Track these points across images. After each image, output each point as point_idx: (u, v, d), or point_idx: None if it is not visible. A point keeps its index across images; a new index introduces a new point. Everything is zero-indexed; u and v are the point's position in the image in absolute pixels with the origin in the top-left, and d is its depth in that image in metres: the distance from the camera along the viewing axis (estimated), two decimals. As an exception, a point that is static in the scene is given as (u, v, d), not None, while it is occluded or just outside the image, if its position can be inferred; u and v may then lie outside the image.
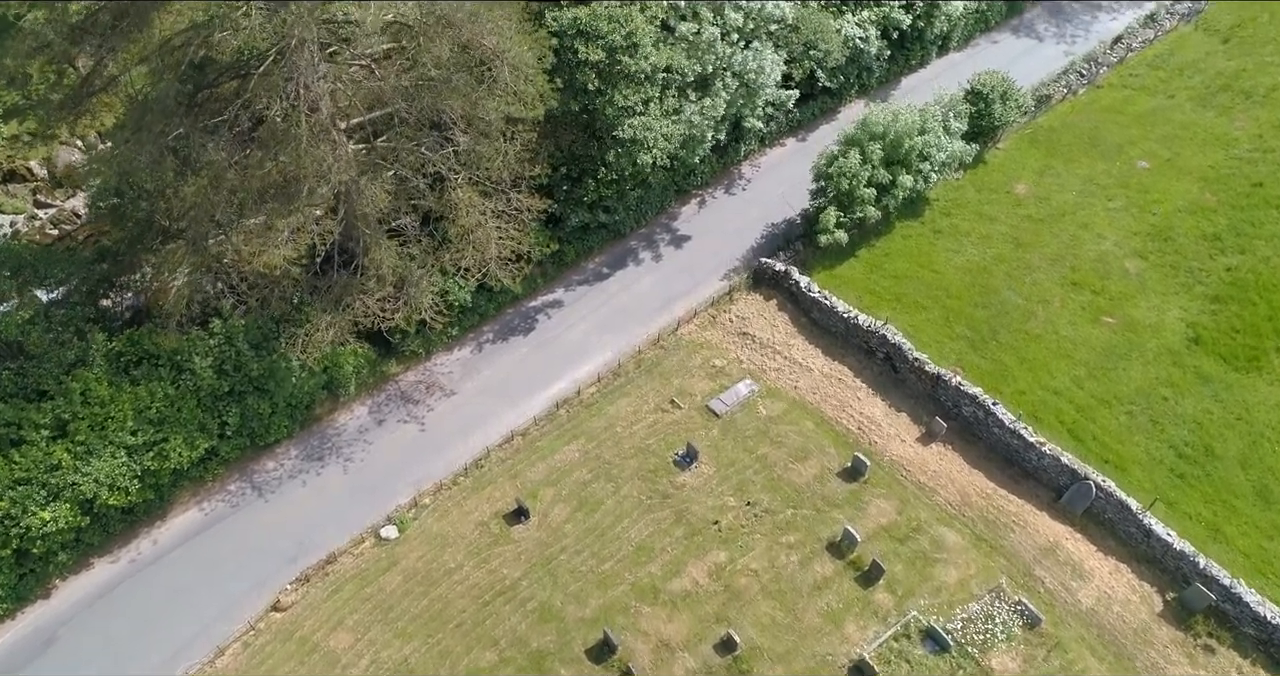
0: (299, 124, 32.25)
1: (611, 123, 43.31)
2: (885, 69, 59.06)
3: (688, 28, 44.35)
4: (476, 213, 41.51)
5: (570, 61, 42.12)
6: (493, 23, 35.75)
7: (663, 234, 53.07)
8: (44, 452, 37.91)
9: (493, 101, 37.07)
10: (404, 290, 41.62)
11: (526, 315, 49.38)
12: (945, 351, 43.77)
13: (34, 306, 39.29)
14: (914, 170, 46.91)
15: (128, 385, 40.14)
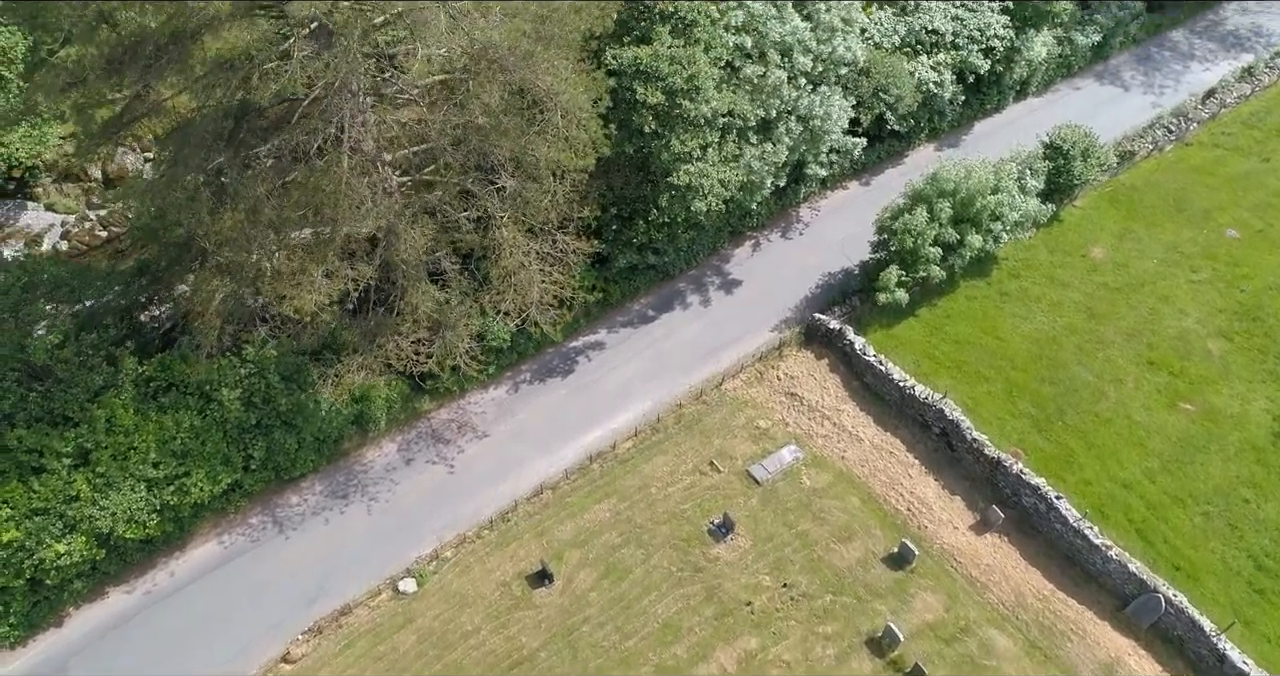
0: (338, 164, 30.76)
1: (666, 168, 41.29)
2: (958, 113, 56.26)
3: (753, 70, 42.14)
4: (520, 254, 39.78)
5: (627, 101, 40.20)
6: (548, 62, 33.92)
7: (713, 277, 50.97)
8: (64, 482, 37.02)
9: (543, 146, 35.26)
10: (439, 332, 40.08)
11: (566, 356, 47.61)
12: (1006, 430, 41.04)
13: (65, 329, 38.39)
14: (984, 230, 44.22)
15: (154, 413, 39.15)
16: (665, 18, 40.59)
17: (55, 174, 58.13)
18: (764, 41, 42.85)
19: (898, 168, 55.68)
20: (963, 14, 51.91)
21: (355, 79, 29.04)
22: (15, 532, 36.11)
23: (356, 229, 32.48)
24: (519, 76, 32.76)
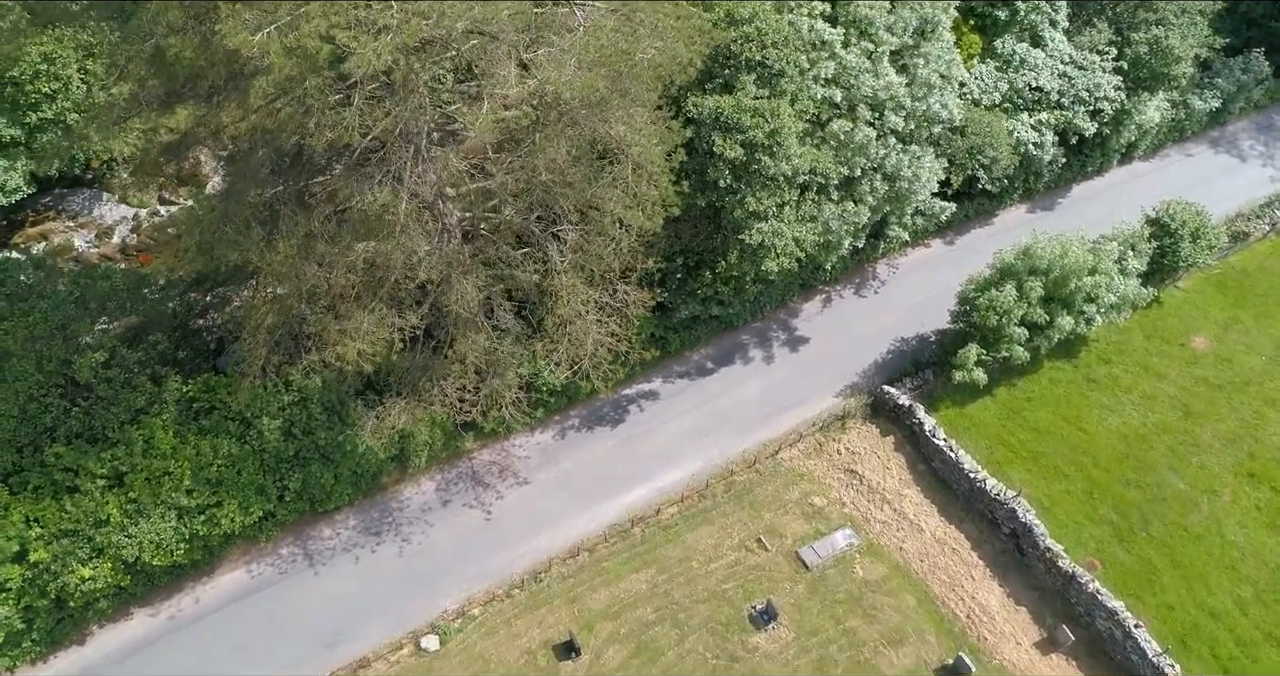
0: (393, 211, 29.22)
1: (738, 225, 39.04)
2: (1056, 174, 52.80)
3: (840, 126, 39.61)
4: (578, 303, 37.91)
5: (704, 152, 38.06)
6: (623, 109, 31.91)
7: (779, 331, 48.52)
8: (96, 503, 36.36)
9: (610, 201, 33.32)
10: (486, 380, 38.47)
11: (618, 404, 45.68)
12: (1084, 536, 37.85)
13: (111, 346, 37.74)
14: (1076, 312, 40.99)
15: (193, 435, 38.38)
16: (751, 66, 38.35)
17: (131, 166, 58.17)
18: (855, 95, 40.31)
19: (986, 228, 52.51)
20: (1071, 72, 48.55)
21: (416, 128, 27.43)
22: (44, 553, 35.56)
23: (404, 280, 30.90)
24: (589, 129, 30.86)
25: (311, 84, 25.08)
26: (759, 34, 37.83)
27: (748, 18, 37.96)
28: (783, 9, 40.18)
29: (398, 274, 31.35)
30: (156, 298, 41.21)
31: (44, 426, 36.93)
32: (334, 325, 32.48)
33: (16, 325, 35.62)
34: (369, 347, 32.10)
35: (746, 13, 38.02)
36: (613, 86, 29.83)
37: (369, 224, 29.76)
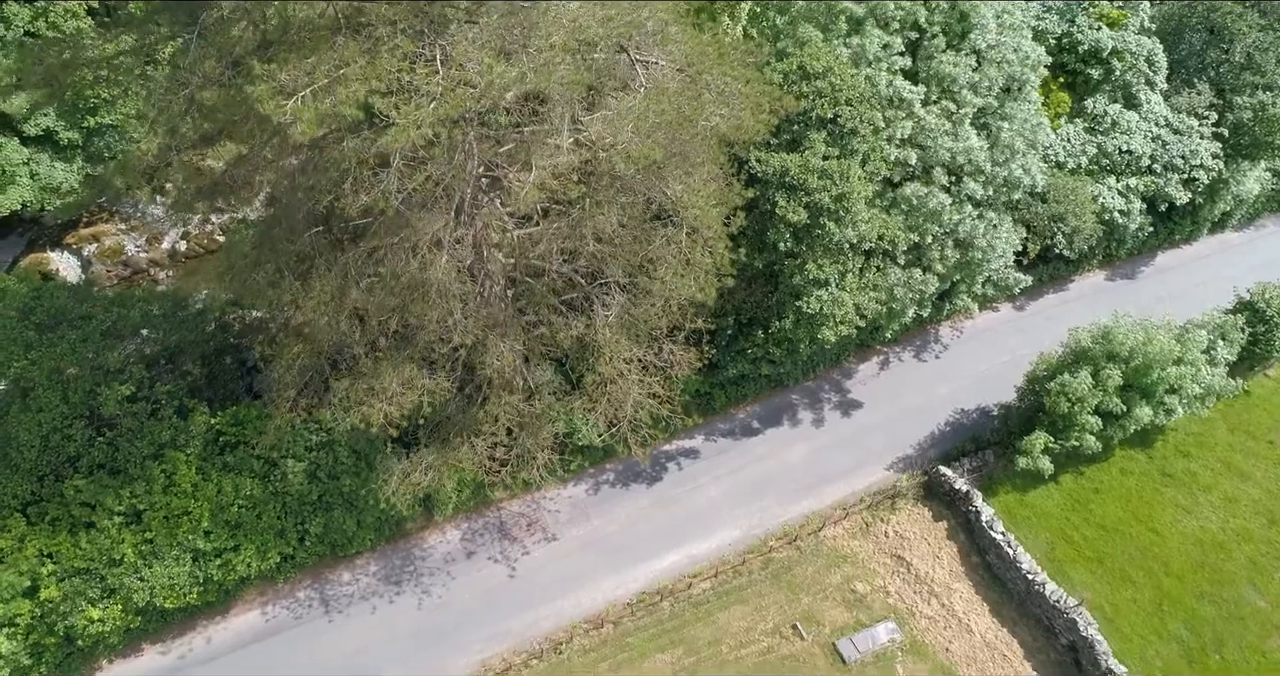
0: (429, 270, 27.49)
1: (797, 291, 36.70)
2: (1141, 241, 49.47)
3: (914, 190, 37.06)
4: (620, 361, 35.90)
5: (765, 212, 35.81)
6: (681, 169, 29.78)
7: (831, 393, 46.03)
8: (112, 540, 35.32)
9: (661, 266, 31.24)
10: (519, 438, 36.64)
11: (656, 460, 43.57)
12: (1149, 654, 34.83)
13: (140, 377, 36.65)
14: (1156, 402, 37.92)
15: (216, 472, 37.21)
16: (822, 123, 35.98)
17: (169, 201, 57.76)
18: (931, 157, 37.71)
19: (1060, 293, 49.43)
20: (1166, 136, 45.24)
21: (459, 187, 25.63)
22: (54, 591, 34.58)
23: (437, 343, 29.17)
24: (643, 194, 28.82)
25: (349, 146, 23.46)
26: (833, 90, 35.46)
27: (821, 72, 35.61)
28: (860, 61, 37.77)
29: (431, 336, 29.59)
30: (191, 322, 40.15)
31: (67, 455, 35.98)
32: (361, 384, 30.83)
33: (44, 356, 34.67)
34: (395, 410, 30.43)
35: (821, 66, 35.67)
36: (671, 149, 27.76)
37: (403, 287, 28.08)
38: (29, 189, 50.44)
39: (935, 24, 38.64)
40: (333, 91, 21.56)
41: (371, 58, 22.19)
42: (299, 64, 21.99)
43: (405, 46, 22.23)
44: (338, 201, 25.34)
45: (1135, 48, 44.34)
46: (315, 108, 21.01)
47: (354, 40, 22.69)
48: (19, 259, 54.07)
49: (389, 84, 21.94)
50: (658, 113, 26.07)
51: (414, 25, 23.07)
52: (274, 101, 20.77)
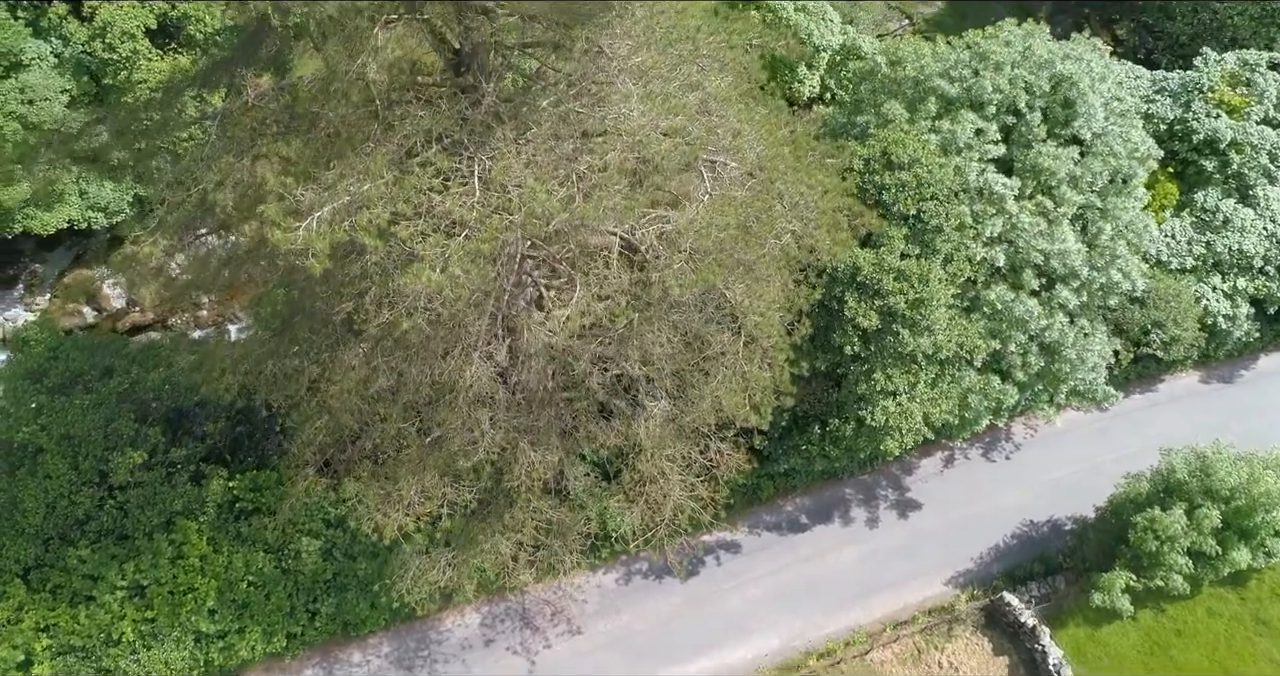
0: (452, 391, 24.93)
1: (861, 399, 33.44)
2: (1243, 343, 45.13)
3: (999, 295, 33.53)
4: (662, 459, 33.03)
5: (831, 311, 32.58)
6: (747, 281, 26.70)
7: (888, 489, 42.59)
8: (112, 616, 33.50)
9: (711, 381, 28.24)
10: (546, 539, 33.99)
11: (693, 549, 40.52)
12: None
13: (155, 442, 34.69)
14: (1257, 545, 33.94)
15: (227, 543, 35.27)
16: (903, 218, 32.64)
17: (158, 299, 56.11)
18: (1021, 259, 34.15)
19: (1148, 394, 45.34)
20: (1284, 235, 40.95)
21: (489, 309, 22.94)
22: (48, 668, 32.84)
23: (461, 457, 26.55)
24: (699, 309, 25.84)
25: (371, 262, 20.83)
26: (918, 184, 32.10)
27: (907, 162, 32.25)
28: (949, 148, 34.30)
29: (454, 446, 26.96)
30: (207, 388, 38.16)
31: (75, 519, 34.24)
32: (376, 488, 28.35)
33: (54, 421, 32.87)
34: (410, 523, 27.91)
35: (907, 156, 32.31)
36: (733, 266, 24.75)
37: (427, 393, 25.52)
38: (77, 208, 49.27)
39: (1036, 108, 35.03)
40: (353, 212, 18.95)
41: (400, 173, 19.54)
42: (319, 174, 19.44)
43: (440, 163, 19.53)
44: (356, 313, 22.77)
45: (1257, 140, 40.18)
46: (331, 234, 18.39)
47: (383, 147, 20.09)
48: (64, 274, 52.88)
49: (416, 206, 19.27)
50: (721, 226, 23.10)
51: (452, 132, 20.38)
52: (285, 227, 18.19)
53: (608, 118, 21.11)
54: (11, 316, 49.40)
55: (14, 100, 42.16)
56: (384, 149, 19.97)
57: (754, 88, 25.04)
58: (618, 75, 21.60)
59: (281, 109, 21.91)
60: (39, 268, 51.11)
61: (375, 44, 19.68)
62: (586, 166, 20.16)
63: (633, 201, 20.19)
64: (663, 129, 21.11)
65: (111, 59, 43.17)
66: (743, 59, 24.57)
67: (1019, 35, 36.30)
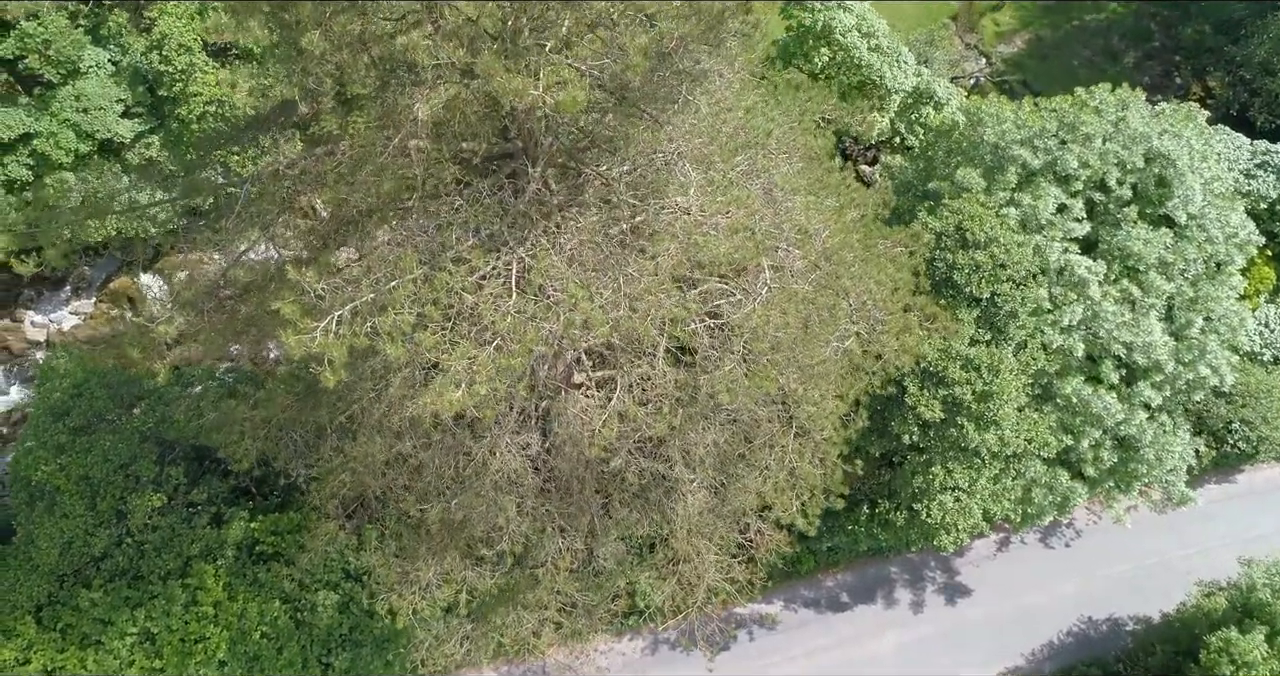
0: (477, 476, 23.26)
1: (917, 494, 31.16)
2: (1333, 431, 41.84)
3: (1074, 387, 31.00)
4: (699, 538, 31.05)
5: (891, 397, 30.33)
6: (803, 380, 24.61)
7: (936, 571, 40.12)
8: (120, 663, 32.47)
9: (754, 476, 26.24)
10: (571, 616, 32.26)
11: (725, 621, 38.51)
12: None
13: (176, 483, 33.61)
14: (1345, 675, 30.95)
15: (243, 589, 34.05)
16: (975, 300, 30.29)
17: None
18: (1100, 349, 31.57)
19: (1225, 485, 42.22)
20: (1389, 325, 37.78)
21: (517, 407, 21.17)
22: (53, 715, 31.85)
23: (482, 545, 24.89)
24: (750, 410, 23.82)
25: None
26: (994, 265, 29.69)
27: (984, 241, 29.86)
28: (1029, 224, 31.82)
29: (477, 531, 25.29)
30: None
31: (89, 558, 33.29)
32: (395, 566, 26.78)
33: (74, 462, 31.90)
34: (426, 608, 26.31)
35: (983, 234, 29.92)
36: (788, 368, 22.69)
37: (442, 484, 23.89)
38: (126, 217, 48.82)
39: (1126, 185, 32.40)
40: (375, 312, 17.26)
41: (431, 269, 17.82)
42: (343, 266, 17.80)
43: (476, 260, 17.77)
44: (378, 404, 21.14)
45: (1368, 224, 37.16)
46: (351, 337, 16.70)
47: (415, 238, 18.41)
48: (110, 280, 52.41)
49: (444, 308, 17.52)
50: (780, 326, 21.05)
51: (490, 224, 18.60)
52: (301, 327, 16.53)
53: (663, 211, 19.18)
54: (56, 318, 48.99)
55: (69, 108, 41.48)
56: (416, 239, 18.28)
57: (824, 173, 22.93)
58: (677, 160, 19.66)
59: (313, 180, 20.33)
60: (87, 271, 50.55)
61: (418, 116, 17.98)
62: (636, 269, 18.24)
63: (686, 310, 18.28)
64: (723, 226, 19.12)
65: (168, 71, 42.29)
66: (813, 143, 22.52)
67: (1112, 104, 33.65)
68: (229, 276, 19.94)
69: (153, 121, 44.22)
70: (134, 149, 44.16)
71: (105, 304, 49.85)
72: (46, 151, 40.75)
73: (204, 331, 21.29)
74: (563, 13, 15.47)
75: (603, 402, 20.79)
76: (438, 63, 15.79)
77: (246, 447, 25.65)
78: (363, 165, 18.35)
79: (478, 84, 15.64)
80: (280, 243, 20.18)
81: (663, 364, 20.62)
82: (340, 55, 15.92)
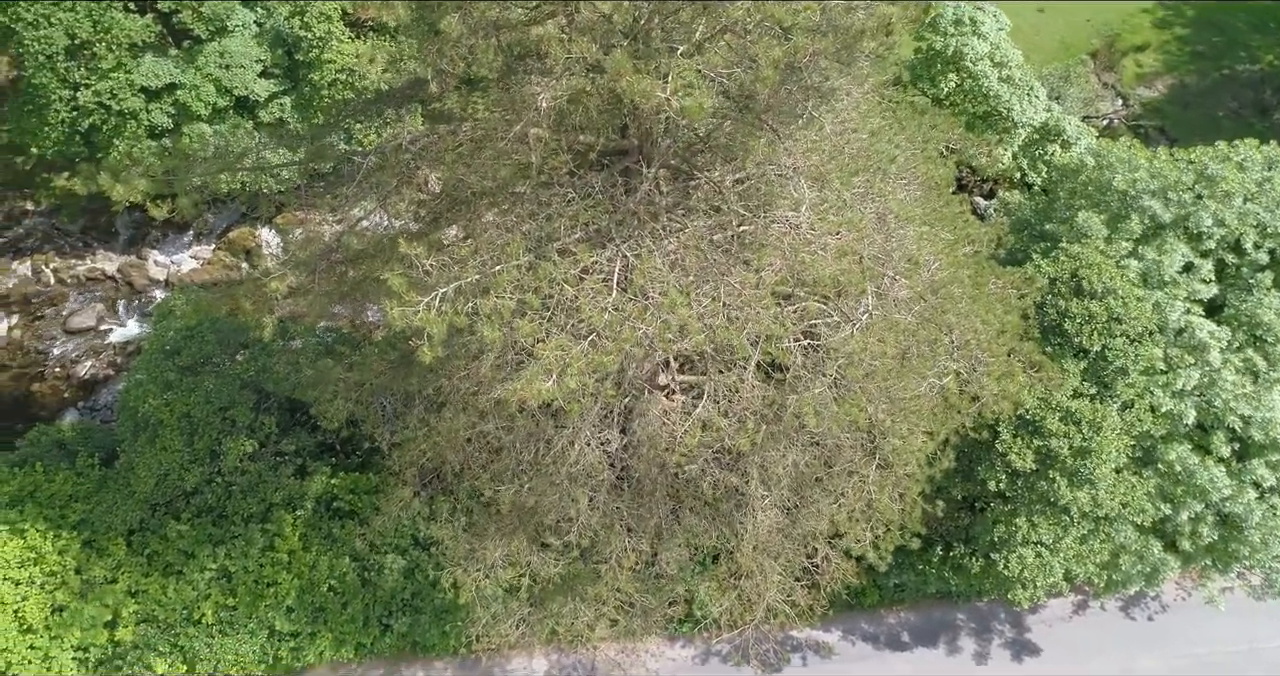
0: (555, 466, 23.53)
1: (996, 543, 30.13)
2: None
3: (1180, 456, 29.47)
4: (765, 557, 30.71)
5: (980, 441, 29.36)
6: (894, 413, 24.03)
7: (1005, 625, 38.70)
8: (197, 595, 34.02)
9: (828, 502, 25.79)
10: (628, 614, 32.33)
11: (781, 643, 37.99)
12: None
13: (268, 431, 34.98)
14: None
15: (317, 542, 35.30)
16: (1084, 353, 29.09)
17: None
18: (1214, 418, 29.92)
19: (1332, 572, 39.49)
20: None
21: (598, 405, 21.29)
22: (129, 633, 33.63)
23: (550, 532, 25.15)
24: (834, 438, 23.44)
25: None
26: (1109, 318, 28.45)
27: (1100, 292, 28.64)
28: (1150, 279, 30.36)
29: (548, 521, 25.58)
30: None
31: (181, 492, 34.98)
32: (463, 541, 27.28)
33: (178, 400, 33.55)
34: (489, 585, 26.73)
35: (1100, 284, 28.68)
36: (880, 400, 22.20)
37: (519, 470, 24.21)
38: (253, 172, 50.95)
39: (1264, 250, 30.62)
40: (477, 294, 17.58)
41: (537, 258, 18.05)
42: (451, 251, 18.19)
43: (581, 254, 17.93)
44: (467, 383, 21.57)
45: None
46: (452, 315, 17.06)
47: (525, 224, 18.69)
48: (230, 229, 54.75)
49: (545, 298, 17.73)
50: (877, 353, 20.62)
51: (599, 219, 18.75)
52: (404, 301, 16.95)
53: (772, 224, 19.00)
54: (177, 261, 51.37)
55: (213, 63, 43.57)
56: (526, 226, 18.55)
57: (942, 204, 22.35)
58: (792, 175, 19.44)
59: (433, 157, 20.85)
60: (210, 219, 52.77)
61: (541, 105, 18.25)
62: (738, 280, 18.12)
63: (783, 327, 18.06)
64: (832, 247, 18.82)
65: (306, 36, 44.01)
66: (934, 172, 21.96)
67: (1258, 162, 31.83)
68: (343, 241, 20.59)
69: (286, 84, 46.09)
70: (267, 108, 46.20)
71: (223, 252, 52.09)
72: (188, 103, 42.88)
73: (312, 291, 22.03)
74: (697, 16, 15.46)
75: (687, 409, 20.70)
76: (569, 56, 15.95)
77: (339, 407, 26.49)
78: (483, 148, 18.70)
79: (604, 80, 15.75)
80: (393, 214, 20.70)
81: (752, 378, 20.41)
82: (474, 39, 16.25)
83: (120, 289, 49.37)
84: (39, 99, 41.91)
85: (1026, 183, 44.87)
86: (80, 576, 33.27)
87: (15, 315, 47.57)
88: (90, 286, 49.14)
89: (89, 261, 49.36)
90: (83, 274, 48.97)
